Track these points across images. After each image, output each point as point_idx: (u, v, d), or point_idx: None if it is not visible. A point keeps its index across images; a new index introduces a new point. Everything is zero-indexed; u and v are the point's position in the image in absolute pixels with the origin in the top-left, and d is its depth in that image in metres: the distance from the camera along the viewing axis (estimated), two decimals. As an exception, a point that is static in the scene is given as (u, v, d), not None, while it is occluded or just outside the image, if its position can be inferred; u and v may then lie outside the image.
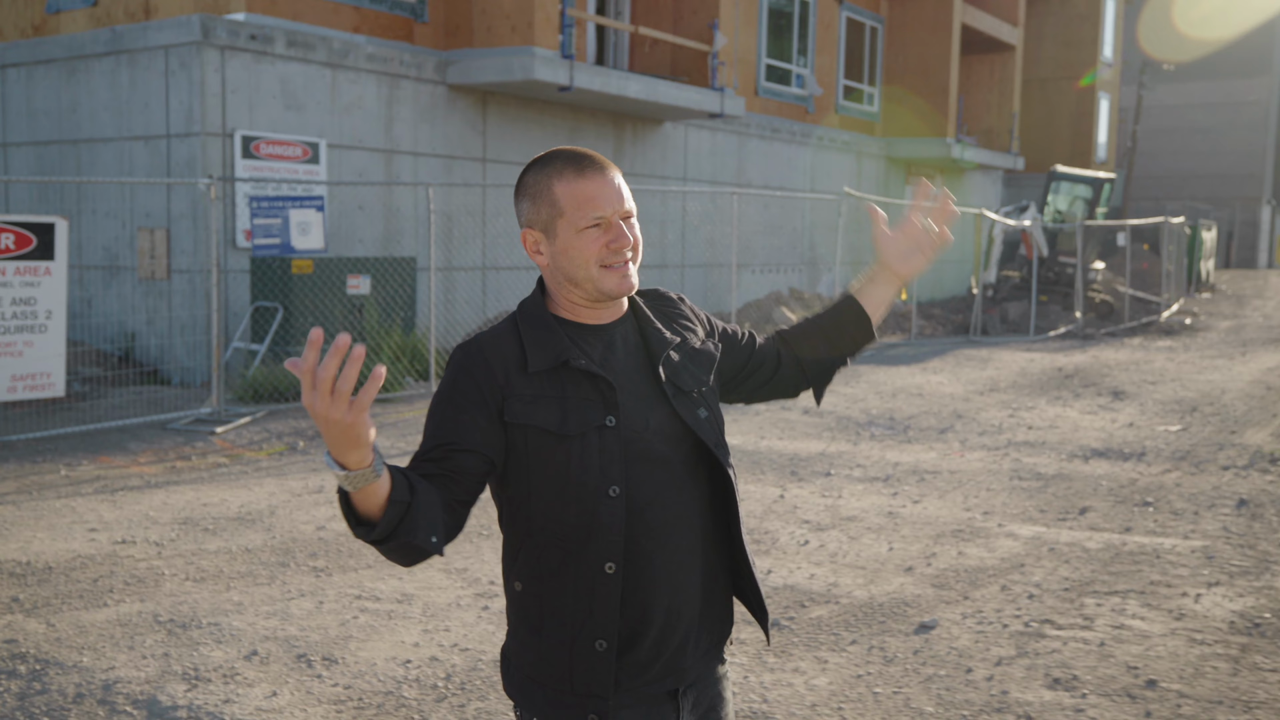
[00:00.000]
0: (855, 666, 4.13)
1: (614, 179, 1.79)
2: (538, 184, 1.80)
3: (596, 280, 1.77)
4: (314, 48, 12.43)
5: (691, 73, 17.07)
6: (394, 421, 9.25)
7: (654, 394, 1.81)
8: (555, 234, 1.78)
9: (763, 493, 6.80)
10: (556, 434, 1.73)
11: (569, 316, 1.82)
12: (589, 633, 1.74)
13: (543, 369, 1.75)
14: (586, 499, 1.73)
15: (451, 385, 1.77)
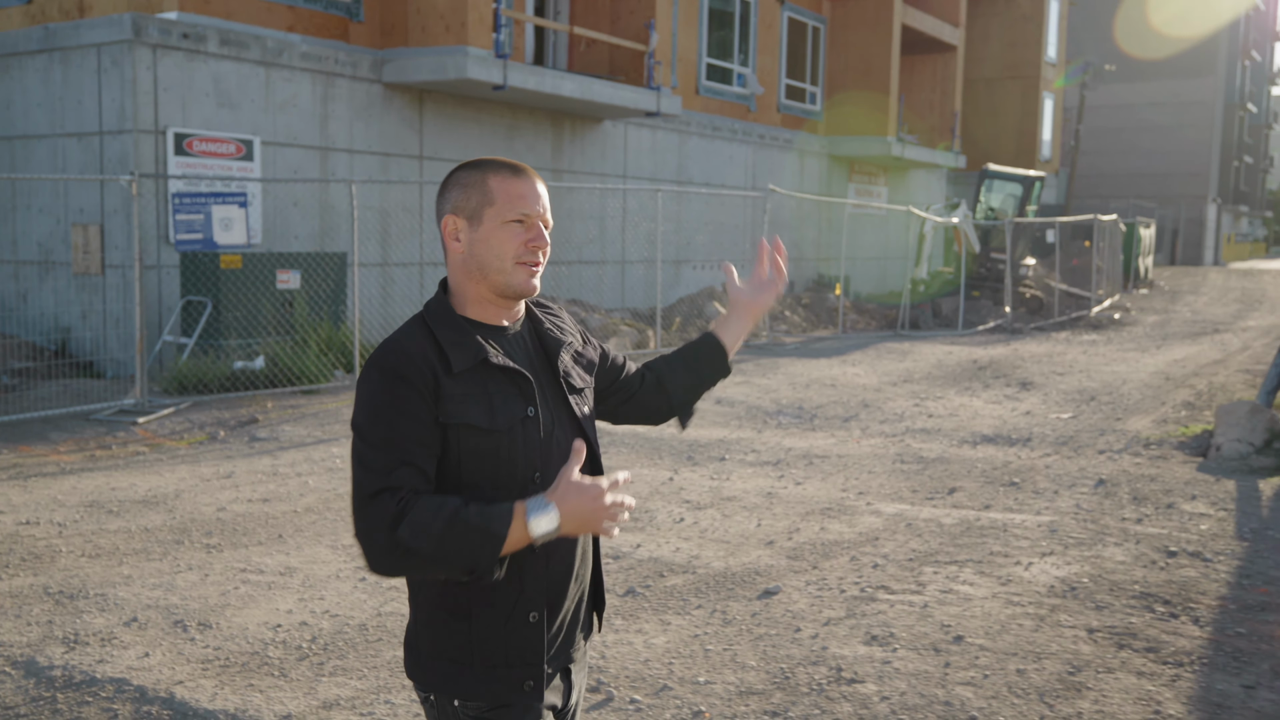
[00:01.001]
0: (695, 628, 4.48)
1: (541, 188, 1.94)
2: (471, 176, 1.91)
3: (508, 274, 1.88)
4: (247, 46, 12.63)
5: (629, 72, 17.38)
6: (315, 412, 9.51)
7: (551, 386, 1.96)
8: (480, 221, 1.88)
9: (654, 475, 7.15)
10: (486, 429, 1.84)
11: (475, 316, 1.92)
12: (522, 607, 1.86)
13: (466, 368, 1.85)
14: (515, 486, 1.85)
15: (389, 392, 1.82)
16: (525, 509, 1.75)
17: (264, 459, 7.60)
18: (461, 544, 1.72)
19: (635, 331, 14.00)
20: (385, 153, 14.44)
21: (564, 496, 1.75)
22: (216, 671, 3.98)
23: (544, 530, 1.74)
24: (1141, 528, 5.96)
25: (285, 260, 11.61)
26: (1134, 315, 21.35)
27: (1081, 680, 3.97)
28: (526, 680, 1.87)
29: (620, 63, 17.49)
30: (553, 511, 1.74)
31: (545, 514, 1.74)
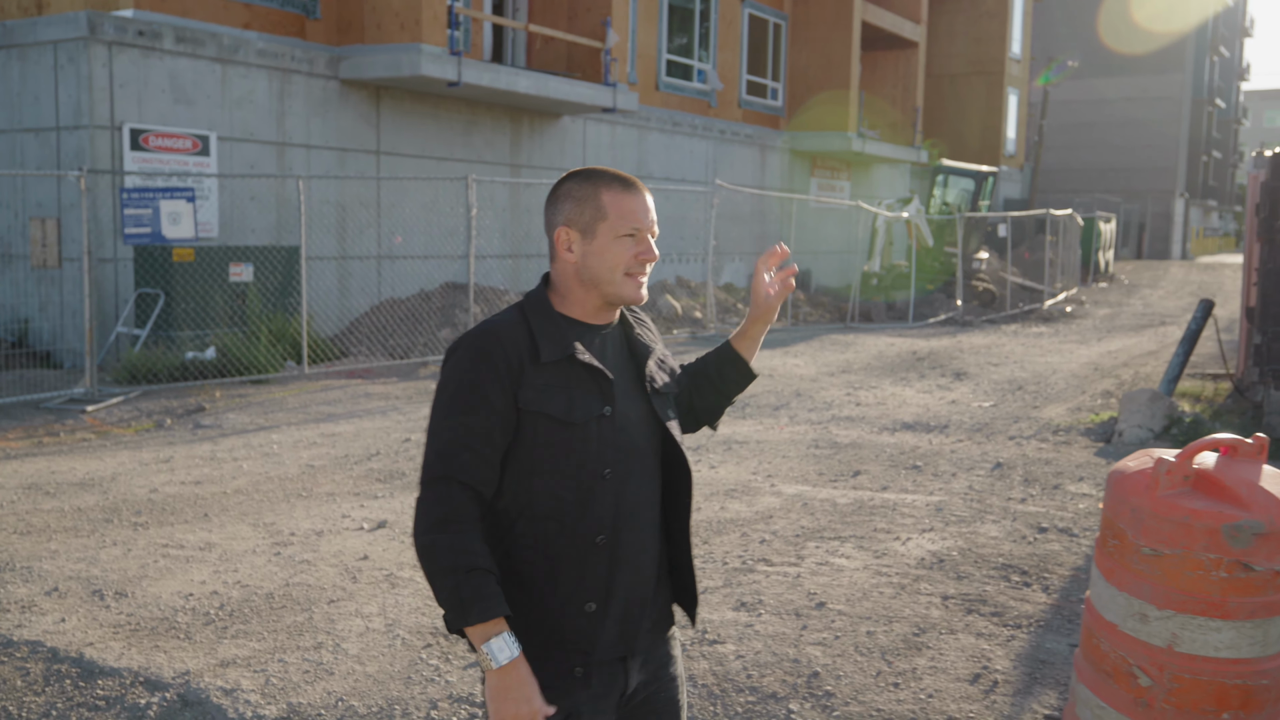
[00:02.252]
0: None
1: (650, 200, 2.03)
2: (584, 190, 2.00)
3: (618, 284, 1.99)
4: (203, 43, 12.87)
5: (586, 69, 17.67)
6: (262, 401, 9.79)
7: (637, 392, 2.05)
8: (594, 235, 1.98)
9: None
10: (563, 421, 1.93)
11: (572, 314, 2.02)
12: (580, 596, 1.95)
13: (552, 360, 1.94)
14: (584, 479, 1.95)
15: (473, 371, 1.92)
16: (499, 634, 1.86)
17: (204, 445, 7.89)
18: (442, 596, 1.87)
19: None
20: (342, 148, 14.69)
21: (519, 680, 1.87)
22: (126, 635, 4.29)
23: (486, 657, 1.85)
24: (1023, 506, 6.34)
25: (238, 254, 11.88)
26: (1087, 308, 21.80)
27: (924, 640, 4.33)
28: (576, 666, 1.97)
29: (578, 60, 17.78)
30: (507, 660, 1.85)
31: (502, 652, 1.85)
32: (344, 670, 4.04)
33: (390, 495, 6.49)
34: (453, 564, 1.86)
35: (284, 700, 3.79)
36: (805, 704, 3.84)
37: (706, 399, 2.26)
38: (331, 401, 9.73)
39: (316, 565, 5.17)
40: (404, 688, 3.92)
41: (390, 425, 8.61)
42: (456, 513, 1.89)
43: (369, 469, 7.15)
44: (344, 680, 3.96)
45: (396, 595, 4.79)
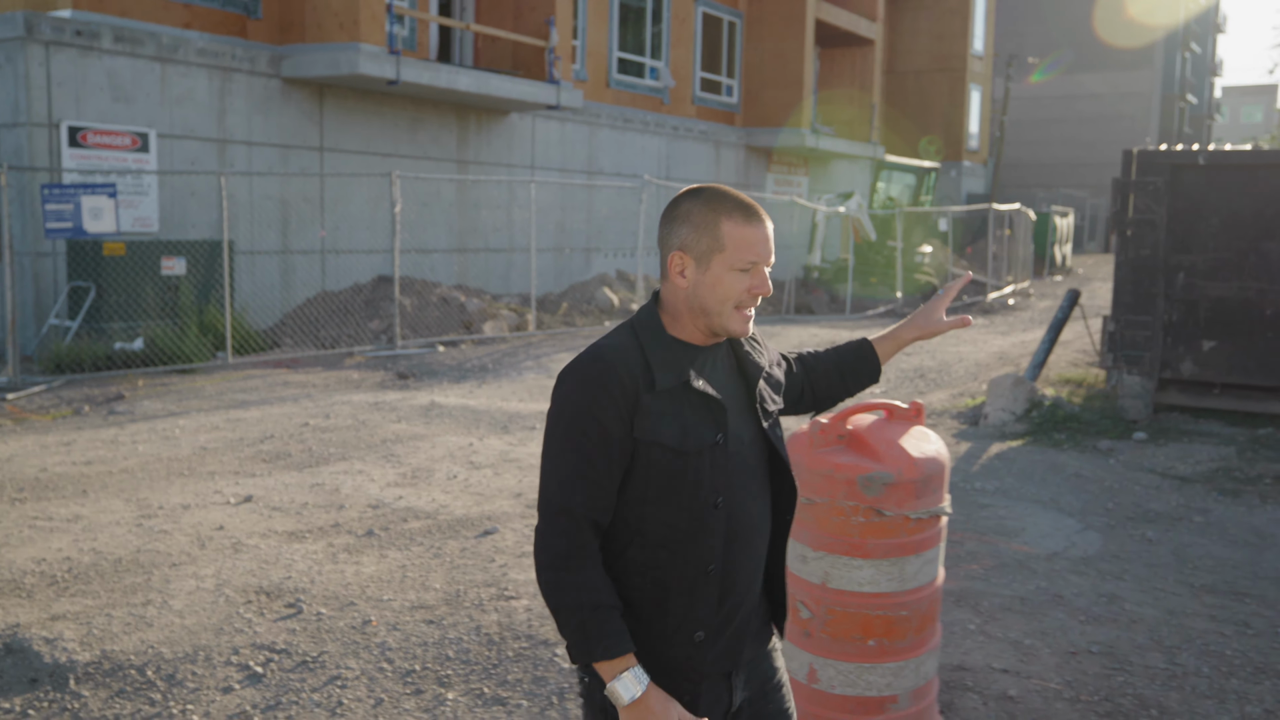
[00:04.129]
0: (406, 560, 5.24)
1: (770, 231, 1.98)
2: (704, 216, 1.95)
3: (726, 318, 1.95)
4: (142, 43, 13.24)
5: (531, 67, 18.05)
6: (183, 389, 10.19)
7: (747, 411, 2.04)
8: (708, 266, 1.94)
9: (456, 441, 7.90)
10: (677, 450, 1.91)
11: (682, 336, 1.99)
12: (690, 625, 1.95)
13: (667, 388, 1.92)
14: (697, 508, 1.93)
15: (590, 399, 1.89)
16: (626, 669, 1.87)
17: (110, 430, 8.29)
18: (567, 631, 1.88)
19: (515, 315, 14.72)
20: (285, 145, 15.06)
21: (659, 707, 1.87)
22: (-27, 594, 4.71)
23: (615, 692, 1.86)
24: (857, 482, 6.76)
25: (171, 248, 12.28)
26: (1031, 301, 22.23)
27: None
28: (683, 694, 1.97)
29: (523, 58, 18.16)
30: (635, 698, 1.86)
31: (631, 688, 1.86)
32: (163, 623, 4.46)
33: (268, 474, 6.90)
34: (577, 601, 1.87)
35: (99, 648, 4.21)
36: (571, 649, 4.26)
37: (832, 389, 2.31)
38: (248, 390, 10.13)
39: (172, 535, 5.58)
40: (214, 637, 4.34)
41: (296, 411, 9.02)
42: (579, 547, 1.89)
43: (258, 450, 7.56)
44: (160, 631, 4.38)
45: (236, 560, 5.21)
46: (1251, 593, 5.10)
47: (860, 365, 2.32)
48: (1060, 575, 5.18)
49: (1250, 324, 8.37)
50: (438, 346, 12.94)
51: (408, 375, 11.14)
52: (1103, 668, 4.20)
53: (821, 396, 2.32)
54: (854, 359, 2.32)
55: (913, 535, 3.32)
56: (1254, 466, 7.30)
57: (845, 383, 2.32)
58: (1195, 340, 8.55)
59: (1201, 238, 8.38)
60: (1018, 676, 4.09)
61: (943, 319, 2.31)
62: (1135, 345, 8.50)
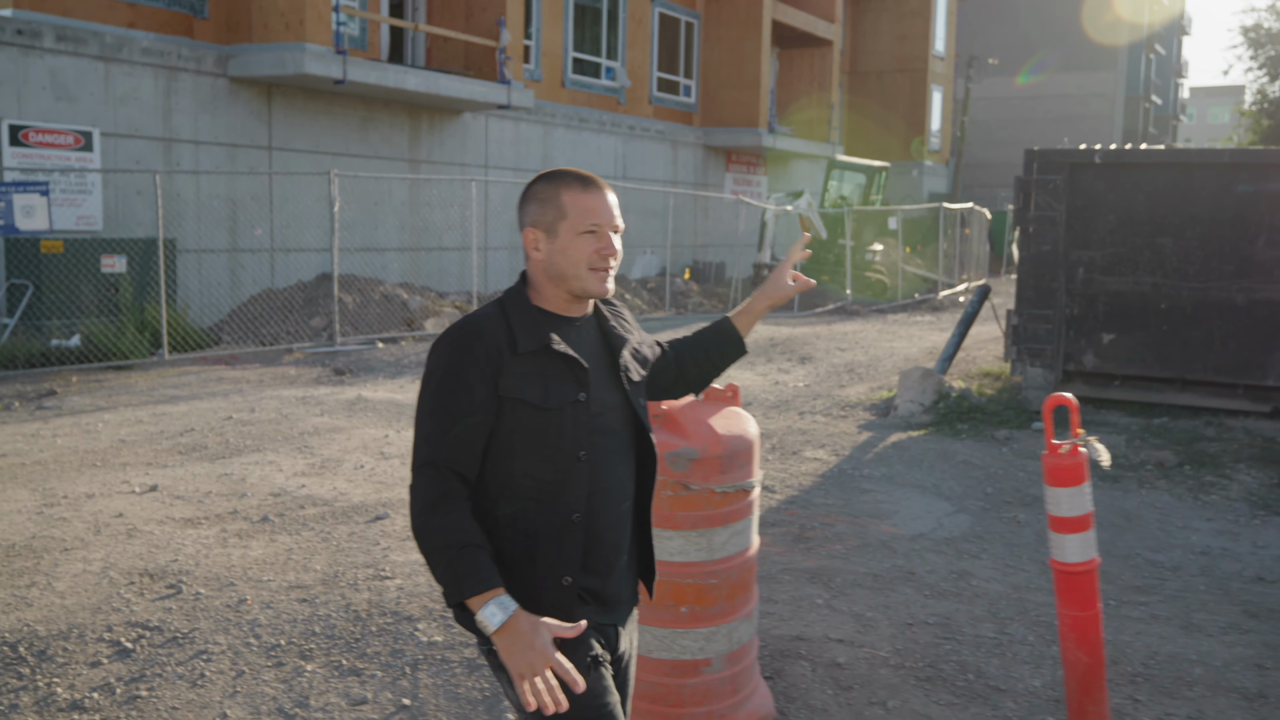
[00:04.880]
0: (295, 544, 5.43)
1: (610, 198, 2.15)
2: (546, 192, 2.14)
3: (583, 279, 2.11)
4: (85, 42, 13.35)
5: (483, 67, 18.23)
6: (116, 385, 10.33)
7: (611, 379, 2.19)
8: (556, 234, 2.11)
9: (373, 434, 8.08)
10: (540, 406, 2.06)
11: (548, 308, 2.16)
12: (558, 569, 2.09)
13: (529, 350, 2.07)
14: (561, 461, 2.08)
15: (456, 362, 2.05)
16: (492, 599, 1.97)
17: (35, 424, 8.43)
18: (438, 573, 2.00)
19: (459, 312, 14.90)
20: (233, 144, 15.18)
21: (527, 628, 1.97)
22: None
23: (483, 622, 1.97)
24: (751, 469, 6.99)
25: (111, 246, 12.41)
26: (982, 298, 22.53)
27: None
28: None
29: (475, 58, 18.34)
30: (501, 623, 1.96)
31: (496, 616, 1.96)
32: (43, 603, 4.64)
33: (180, 465, 7.07)
34: (445, 542, 1.99)
35: (-24, 625, 4.38)
36: (432, 624, 4.47)
37: (701, 368, 2.46)
38: (181, 385, 10.28)
39: (70, 522, 5.75)
40: (91, 616, 4.52)
41: (223, 406, 9.18)
42: (446, 494, 2.02)
43: (176, 443, 7.73)
44: (39, 611, 4.56)
45: (127, 545, 5.39)
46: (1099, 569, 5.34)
47: (722, 341, 2.47)
48: (919, 554, 5.42)
49: (1146, 317, 8.65)
50: (377, 343, 13.11)
51: (344, 371, 11.30)
52: (935, 637, 4.44)
53: (693, 377, 2.48)
54: (716, 337, 2.47)
55: (720, 508, 3.54)
56: (1139, 454, 7.57)
57: (712, 360, 2.47)
58: (1095, 333, 8.83)
59: (1099, 234, 8.66)
60: (851, 646, 4.32)
61: (788, 284, 2.46)
62: (1037, 338, 8.77)
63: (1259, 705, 3.93)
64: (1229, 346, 8.46)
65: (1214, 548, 5.81)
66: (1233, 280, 8.37)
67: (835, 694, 3.94)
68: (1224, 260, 8.37)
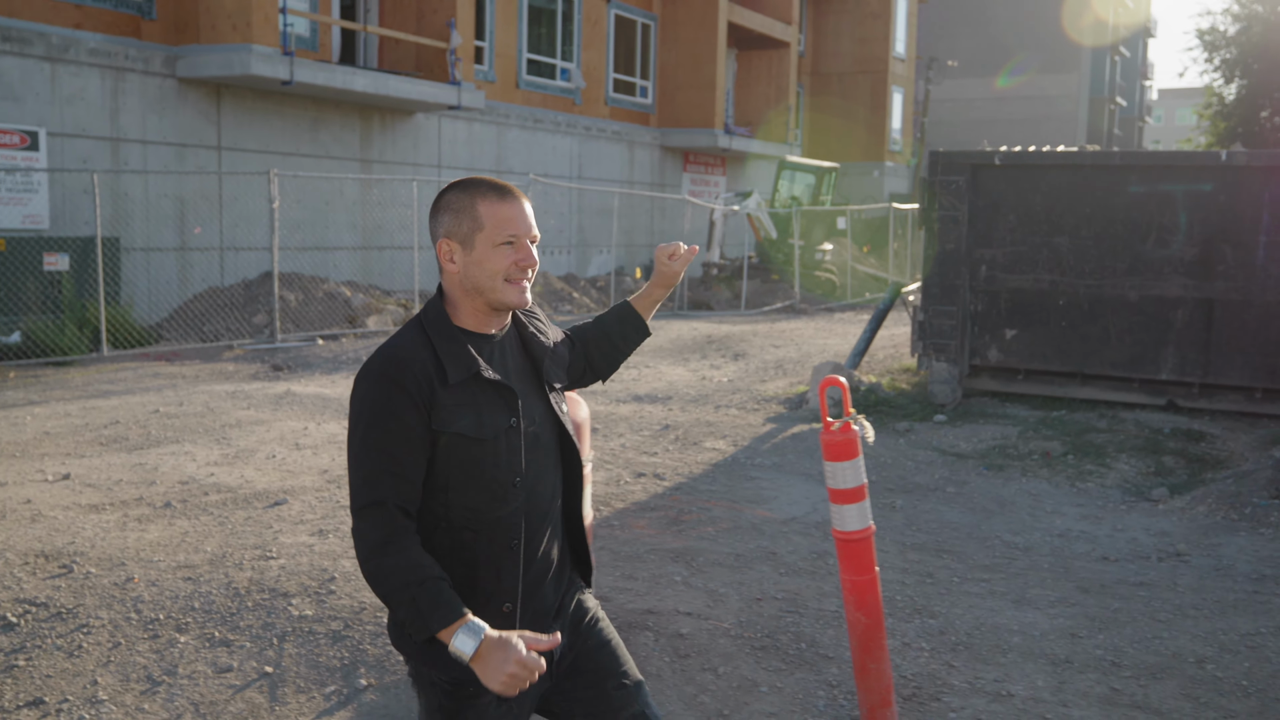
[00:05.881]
0: (192, 527, 5.67)
1: (527, 208, 2.12)
2: (460, 202, 2.09)
3: (500, 291, 2.08)
4: (31, 43, 13.51)
5: (434, 68, 18.46)
6: (52, 381, 10.51)
7: (536, 390, 2.19)
8: (472, 246, 2.06)
9: (293, 426, 8.32)
10: (475, 438, 2.03)
11: (469, 326, 2.12)
12: (498, 598, 2.08)
13: (459, 380, 2.03)
14: (497, 488, 2.06)
15: (386, 400, 2.00)
16: (460, 627, 1.94)
17: (-36, 416, 8.62)
18: (401, 612, 1.97)
19: (402, 310, 15.13)
20: (181, 144, 15.35)
21: (500, 648, 1.93)
22: None
23: (458, 652, 1.94)
24: (650, 459, 7.28)
25: (54, 244, 12.58)
26: (932, 297, 22.93)
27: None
28: None
29: (426, 60, 18.56)
30: (474, 649, 1.93)
31: (467, 643, 1.93)
32: (-63, 581, 4.86)
33: (97, 456, 7.28)
34: (404, 580, 1.96)
35: None
36: (306, 599, 4.72)
37: (605, 354, 2.44)
38: (116, 381, 10.48)
39: (-19, 510, 5.96)
40: (-19, 594, 4.75)
41: (154, 400, 9.39)
42: (394, 533, 1.98)
43: (99, 435, 7.94)
44: (-69, 588, 4.78)
45: (29, 529, 5.61)
46: (954, 550, 5.66)
47: (624, 326, 2.46)
48: (785, 536, 5.72)
49: (1046, 314, 8.99)
50: (318, 340, 13.32)
51: (282, 367, 11.52)
52: (779, 611, 4.73)
53: (599, 364, 2.47)
54: (617, 322, 2.46)
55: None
56: (1028, 444, 7.90)
57: (615, 344, 2.46)
58: (999, 329, 9.16)
59: (1000, 233, 8.99)
60: (697, 619, 4.60)
61: (673, 265, 2.43)
62: (942, 334, 9.09)
63: (1062, 669, 4.23)
64: (1124, 342, 8.81)
65: (1074, 530, 6.13)
66: (1125, 278, 8.71)
67: (672, 661, 4.21)
68: (1117, 258, 8.72)
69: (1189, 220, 8.44)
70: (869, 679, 3.44)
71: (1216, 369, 8.55)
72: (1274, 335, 8.33)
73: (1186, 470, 7.36)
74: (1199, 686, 4.07)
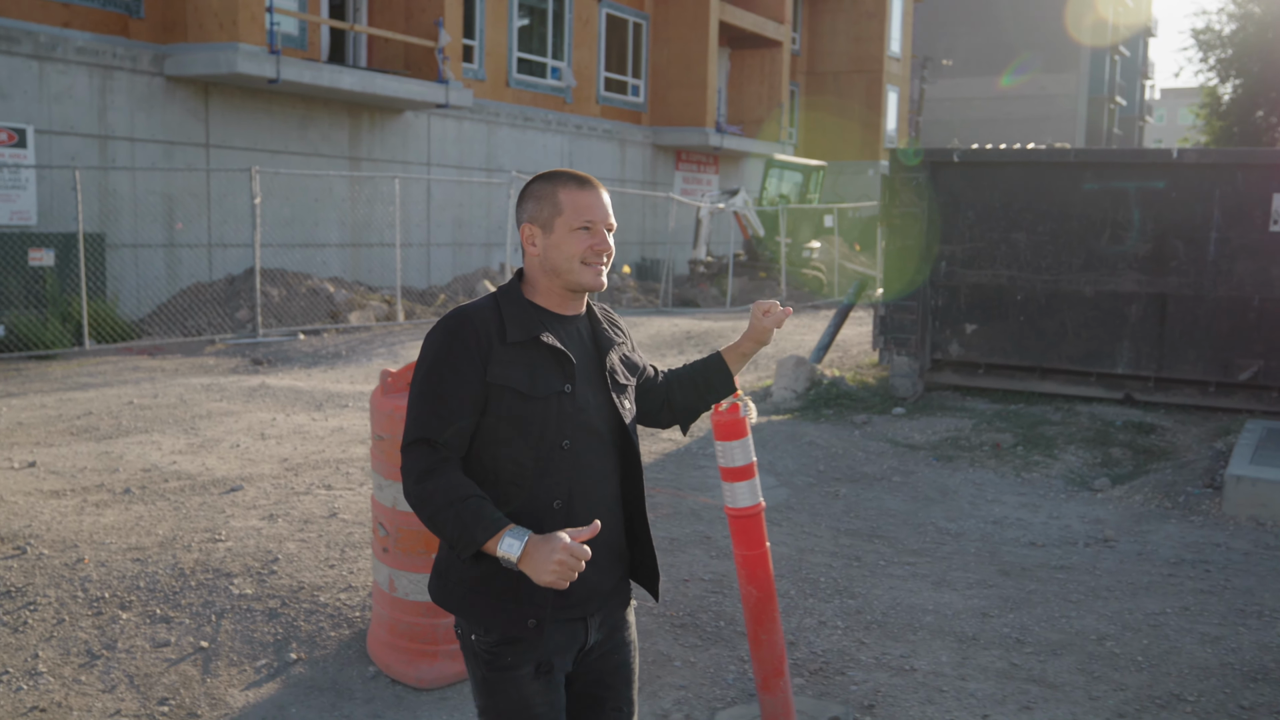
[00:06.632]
0: (146, 511, 5.84)
1: (605, 197, 2.24)
2: (543, 190, 2.23)
3: (577, 273, 2.20)
4: (19, 41, 13.70)
5: (423, 67, 18.63)
6: (32, 374, 10.70)
7: (598, 380, 2.26)
8: (552, 230, 2.20)
9: (261, 417, 8.49)
10: (526, 394, 2.13)
11: (542, 303, 2.24)
12: None
13: (518, 340, 2.16)
14: (544, 449, 2.15)
15: (447, 348, 2.14)
16: (505, 534, 2.04)
17: (-59, 407, 8.81)
18: (447, 531, 2.07)
19: (385, 306, 15.31)
20: (169, 141, 15.53)
21: (541, 541, 2.03)
22: None
23: (504, 555, 2.04)
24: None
25: (40, 240, 12.77)
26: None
27: (390, 538, 5.39)
28: (529, 618, 2.16)
29: (415, 58, 18.74)
30: (520, 548, 2.03)
31: (514, 545, 2.03)
32: (-106, 561, 5.03)
33: (65, 445, 7.46)
34: (447, 499, 2.07)
35: None
36: (248, 579, 4.89)
37: (689, 399, 2.49)
38: (96, 374, 10.66)
39: (-57, 493, 6.14)
40: (-65, 573, 4.92)
41: (130, 392, 9.57)
42: (438, 461, 2.12)
43: (71, 425, 8.12)
44: (-112, 567, 4.95)
45: (-11, 512, 5.79)
46: (887, 536, 5.81)
47: (715, 378, 2.51)
48: (722, 521, 5.86)
49: (1005, 309, 9.13)
50: (299, 335, 13.50)
51: (262, 361, 11.70)
52: (704, 591, 4.88)
53: (679, 406, 2.50)
54: (710, 371, 2.51)
55: (463, 466, 3.97)
56: (980, 436, 8.04)
57: (699, 391, 2.50)
58: (960, 324, 9.31)
59: (960, 229, 9.13)
60: (623, 598, 4.75)
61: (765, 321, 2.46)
62: (903, 329, 9.24)
63: (968, 645, 4.39)
64: (1081, 336, 8.95)
65: (1009, 518, 6.28)
66: (1081, 273, 8.86)
67: (591, 637, 4.37)
68: (1073, 254, 8.86)
69: (1142, 217, 8.58)
70: (762, 649, 3.60)
71: (1170, 363, 8.69)
72: (1225, 330, 8.47)
73: (1133, 462, 7.50)
74: (1095, 662, 4.23)
